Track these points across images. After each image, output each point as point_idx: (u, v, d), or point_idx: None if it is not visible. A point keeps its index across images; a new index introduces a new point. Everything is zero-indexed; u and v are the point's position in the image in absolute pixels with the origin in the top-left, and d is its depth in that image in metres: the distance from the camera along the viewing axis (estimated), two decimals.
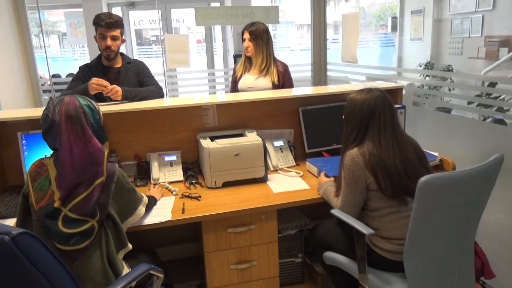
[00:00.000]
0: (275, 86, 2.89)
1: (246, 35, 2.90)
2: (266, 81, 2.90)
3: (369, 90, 1.84)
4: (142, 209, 1.73)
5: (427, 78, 4.73)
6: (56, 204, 1.46)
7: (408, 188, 1.71)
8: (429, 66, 6.34)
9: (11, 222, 1.86)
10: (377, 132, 1.78)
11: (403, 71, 5.78)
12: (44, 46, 3.54)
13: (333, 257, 1.91)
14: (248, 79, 2.96)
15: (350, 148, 1.81)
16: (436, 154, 2.37)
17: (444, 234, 1.61)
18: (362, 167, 1.75)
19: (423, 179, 1.49)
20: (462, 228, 1.63)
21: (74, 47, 10.37)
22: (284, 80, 2.93)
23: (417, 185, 1.50)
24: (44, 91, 3.83)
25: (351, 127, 1.83)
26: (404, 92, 2.75)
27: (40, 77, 4.38)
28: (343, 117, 1.90)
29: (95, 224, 1.49)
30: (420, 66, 6.38)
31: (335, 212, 1.85)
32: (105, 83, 2.34)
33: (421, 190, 1.50)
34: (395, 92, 2.69)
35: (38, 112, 1.99)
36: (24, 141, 2.17)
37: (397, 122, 1.84)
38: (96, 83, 2.32)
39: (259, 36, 2.87)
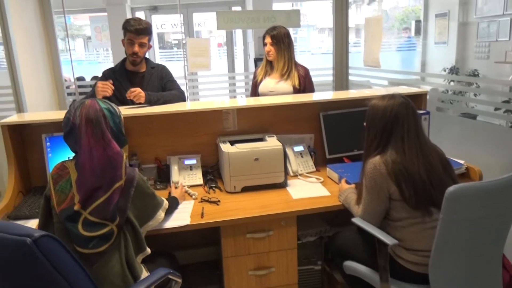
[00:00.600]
0: (296, 90, 2.87)
1: (268, 40, 2.88)
2: (287, 85, 2.88)
3: (391, 96, 1.80)
4: (161, 214, 1.73)
5: (452, 83, 4.62)
6: (76, 207, 1.47)
7: (433, 198, 1.66)
8: (454, 70, 6.19)
9: (34, 222, 1.89)
10: (401, 140, 1.73)
11: (427, 76, 5.67)
12: (69, 50, 3.61)
13: (354, 266, 1.87)
14: (268, 83, 2.94)
15: (372, 155, 1.77)
16: (461, 162, 2.30)
17: (471, 246, 1.55)
18: (385, 175, 1.70)
19: (451, 189, 1.44)
20: (489, 240, 1.57)
21: (98, 50, 10.59)
22: (305, 84, 2.90)
23: (444, 195, 1.45)
24: (69, 94, 3.91)
25: (373, 134, 1.79)
26: (427, 97, 2.68)
27: (65, 80, 4.47)
28: (365, 123, 1.86)
29: (114, 228, 1.49)
30: (445, 71, 6.24)
31: (356, 220, 1.81)
32: (109, 84, 2.36)
33: (448, 201, 1.45)
34: (418, 98, 2.63)
35: (61, 114, 2.01)
36: (48, 143, 2.21)
37: (421, 129, 1.79)
38: (102, 86, 2.35)
39: (281, 40, 2.86)
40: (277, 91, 2.89)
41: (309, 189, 2.21)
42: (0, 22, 2.92)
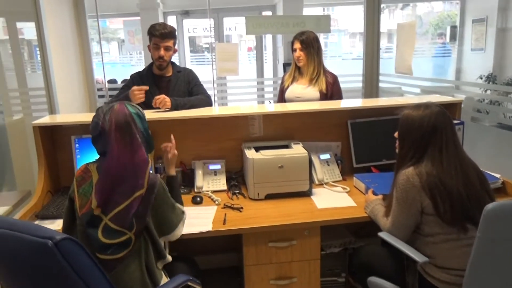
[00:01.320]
0: (322, 95, 2.82)
1: (297, 45, 2.85)
2: (314, 91, 2.84)
3: (426, 106, 1.73)
4: (180, 228, 1.68)
5: (488, 92, 4.44)
6: (96, 212, 1.47)
7: (469, 213, 1.58)
8: (491, 78, 5.95)
9: (60, 222, 1.91)
10: (439, 151, 1.66)
11: (462, 84, 5.48)
12: (101, 52, 3.69)
13: (379, 283, 1.79)
14: (295, 89, 2.91)
15: (406, 167, 1.70)
16: (497, 175, 2.18)
17: (509, 268, 1.45)
18: (418, 188, 1.63)
19: (490, 207, 1.36)
20: None
21: (132, 53, 10.84)
22: (333, 91, 2.85)
23: (482, 213, 1.37)
24: (100, 96, 3.99)
25: (408, 145, 1.72)
26: (462, 106, 2.58)
27: (97, 82, 4.58)
28: (397, 134, 1.80)
29: (132, 236, 1.48)
30: (481, 79, 6.01)
31: (383, 235, 1.74)
32: (145, 87, 2.38)
33: (486, 219, 1.37)
34: (452, 107, 2.54)
35: (91, 117, 2.04)
36: (77, 145, 2.25)
37: (458, 140, 1.72)
38: (139, 93, 2.37)
39: (310, 44, 2.82)
40: (304, 96, 2.85)
41: (334, 198, 2.16)
42: (35, 25, 3.02)
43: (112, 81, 5.60)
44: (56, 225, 1.91)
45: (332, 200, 2.14)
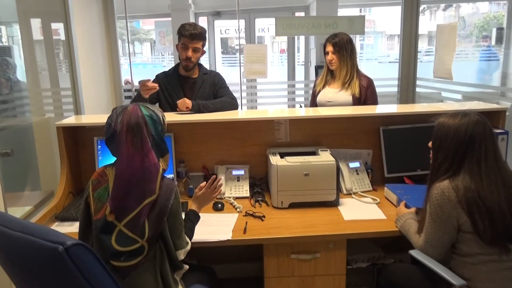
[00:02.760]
0: (355, 100, 2.75)
1: (329, 48, 2.80)
2: (346, 95, 2.77)
3: (464, 114, 1.65)
4: (180, 256, 1.58)
5: None
6: (109, 218, 1.45)
7: None
8: None
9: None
10: (477, 164, 1.57)
11: (508, 90, 5.21)
12: (129, 53, 3.76)
13: None
14: (327, 93, 2.86)
15: (440, 179, 1.62)
16: None
17: None
18: (454, 203, 1.55)
19: None
20: None
21: (163, 54, 11.06)
22: (367, 95, 2.78)
23: None
24: (127, 97, 4.06)
25: (443, 156, 1.64)
26: (507, 114, 2.44)
27: (128, 82, 4.67)
28: (431, 143, 1.72)
29: (145, 244, 1.46)
30: None
31: (415, 254, 1.65)
32: (154, 85, 2.39)
33: None
34: (496, 115, 2.40)
35: None
36: (99, 146, 2.28)
37: (499, 152, 1.62)
38: (150, 84, 2.38)
39: (343, 47, 2.76)
40: (335, 101, 2.79)
41: (363, 210, 2.10)
42: (64, 25, 3.10)
43: None
44: (75, 227, 1.92)
45: (360, 212, 2.08)
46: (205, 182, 1.89)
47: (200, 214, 1.83)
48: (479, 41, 8.02)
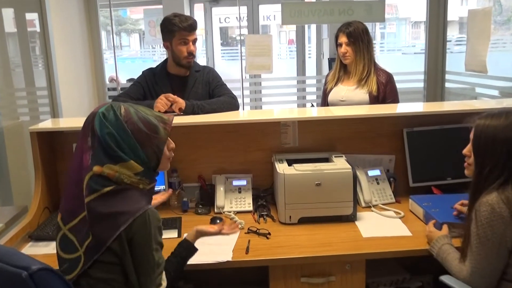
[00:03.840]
0: (372, 98, 2.77)
1: (343, 38, 2.81)
2: (362, 93, 2.79)
3: (508, 112, 1.64)
4: None
5: None
6: (58, 218, 1.50)
7: None
8: None
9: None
10: None
11: None
12: (114, 46, 3.78)
13: None
14: (340, 91, 2.87)
15: (487, 192, 1.59)
16: None
17: None
18: (507, 220, 1.53)
19: None
20: None
21: (154, 46, 11.11)
22: (386, 93, 2.79)
23: None
24: (111, 97, 4.08)
25: (491, 164, 1.62)
26: None
27: (113, 80, 4.68)
28: (471, 150, 1.70)
29: (82, 255, 1.45)
30: None
31: (448, 281, 1.63)
32: (172, 97, 2.39)
33: None
34: None
35: None
36: None
37: None
38: (165, 100, 2.37)
39: (359, 37, 2.77)
40: (350, 99, 2.80)
41: (384, 225, 2.12)
42: (39, 14, 3.12)
43: (131, 81, 5.72)
44: (52, 248, 1.92)
45: (381, 228, 2.08)
46: (220, 223, 1.85)
47: (196, 227, 1.82)
48: None
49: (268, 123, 2.44)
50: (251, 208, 2.30)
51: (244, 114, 2.71)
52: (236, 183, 2.40)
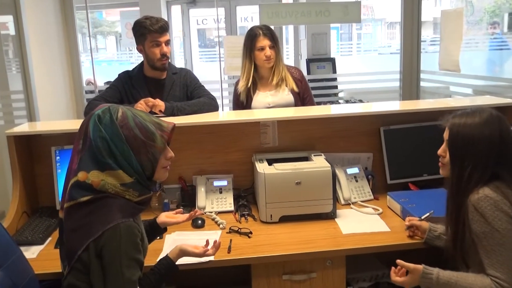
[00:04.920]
0: (296, 97, 2.77)
1: (265, 41, 2.70)
2: (285, 94, 2.77)
3: (481, 111, 1.63)
4: None
5: None
6: (60, 214, 1.49)
7: None
8: None
9: (36, 249, 1.95)
10: (510, 167, 1.57)
11: None
12: (91, 49, 3.75)
13: None
14: (263, 97, 2.79)
15: (473, 193, 1.57)
16: None
17: None
18: (509, 213, 1.51)
19: None
20: None
21: (131, 49, 11.01)
22: (303, 90, 2.81)
23: None
24: (88, 100, 4.03)
25: (472, 164, 1.58)
26: None
27: (90, 83, 4.64)
28: (447, 151, 1.67)
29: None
30: None
31: None
32: (151, 101, 2.39)
33: None
34: (510, 110, 2.47)
35: (75, 124, 2.06)
36: (58, 157, 2.27)
37: None
38: (145, 105, 2.38)
39: (277, 39, 2.77)
40: (277, 104, 2.76)
41: (363, 222, 2.14)
42: (13, 17, 3.08)
43: (108, 84, 5.66)
44: (31, 252, 1.92)
45: (360, 224, 2.11)
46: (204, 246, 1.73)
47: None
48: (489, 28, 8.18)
49: (248, 124, 2.45)
50: (232, 208, 2.30)
51: (223, 115, 2.72)
52: (217, 183, 2.40)
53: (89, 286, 1.41)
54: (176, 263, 1.64)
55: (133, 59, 11.10)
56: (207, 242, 1.73)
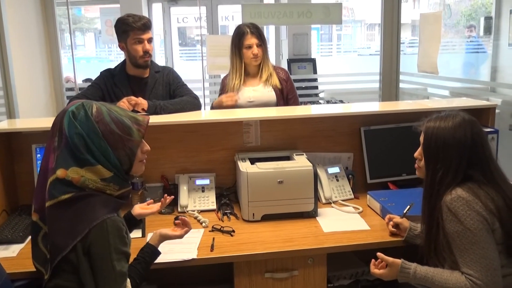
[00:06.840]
0: (278, 95, 2.80)
1: (253, 40, 2.74)
2: (268, 91, 2.80)
3: (455, 115, 1.68)
4: None
5: None
6: (34, 217, 1.47)
7: None
8: None
9: (16, 248, 1.92)
10: (481, 171, 1.62)
11: (498, 85, 5.46)
12: (72, 46, 3.71)
13: None
14: (246, 92, 2.83)
15: (446, 194, 1.61)
16: None
17: None
18: (482, 211, 1.56)
19: None
20: None
21: (110, 46, 10.87)
22: (288, 90, 2.84)
23: None
24: (69, 98, 3.99)
25: (443, 167, 1.63)
26: (497, 111, 2.58)
27: (70, 80, 4.58)
28: (424, 154, 1.71)
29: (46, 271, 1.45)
30: None
31: None
32: (134, 99, 2.38)
33: None
34: (485, 112, 2.54)
35: None
36: (38, 155, 2.25)
37: (493, 153, 1.70)
38: (128, 103, 2.36)
39: (265, 38, 2.81)
40: (258, 100, 2.80)
41: (344, 220, 2.16)
42: None
43: (88, 81, 5.60)
44: (11, 251, 1.90)
45: (341, 223, 2.13)
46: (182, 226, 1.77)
47: (159, 231, 1.81)
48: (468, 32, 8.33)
49: (231, 123, 2.46)
50: (214, 207, 2.31)
51: (206, 114, 2.72)
52: (199, 182, 2.40)
53: (78, 286, 1.40)
54: (158, 248, 1.69)
55: (112, 56, 10.94)
56: (179, 218, 1.78)
